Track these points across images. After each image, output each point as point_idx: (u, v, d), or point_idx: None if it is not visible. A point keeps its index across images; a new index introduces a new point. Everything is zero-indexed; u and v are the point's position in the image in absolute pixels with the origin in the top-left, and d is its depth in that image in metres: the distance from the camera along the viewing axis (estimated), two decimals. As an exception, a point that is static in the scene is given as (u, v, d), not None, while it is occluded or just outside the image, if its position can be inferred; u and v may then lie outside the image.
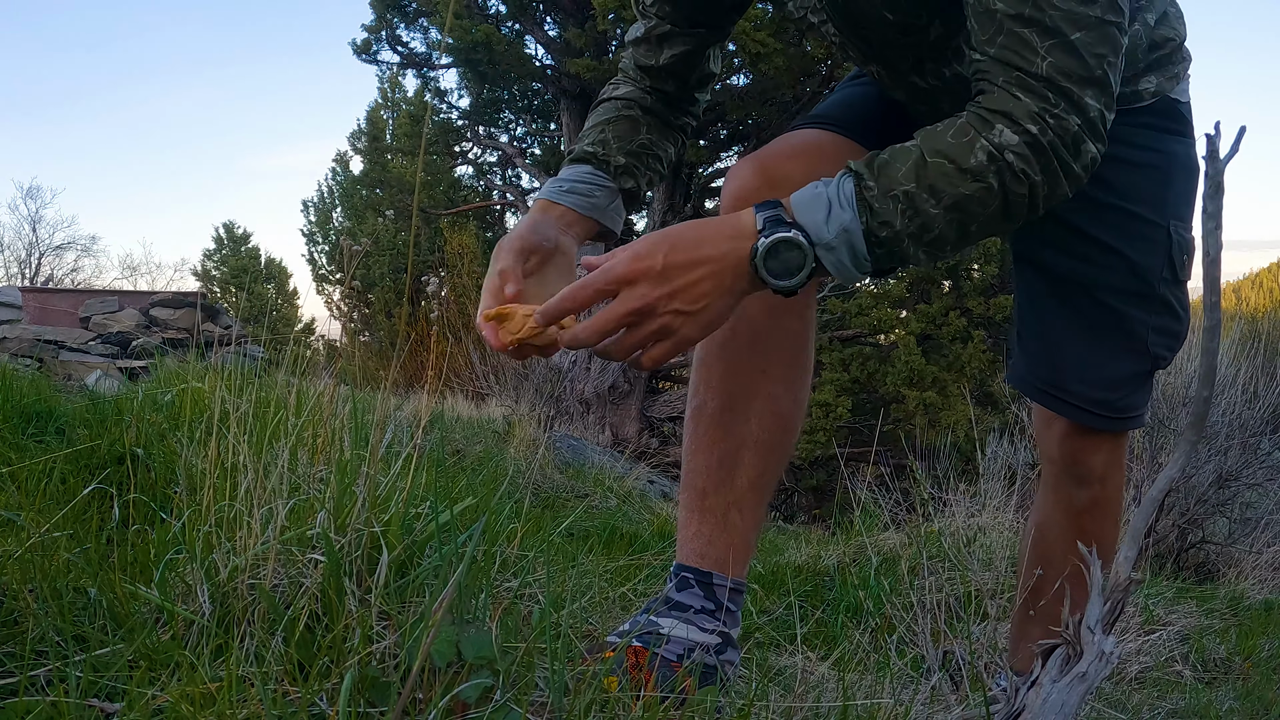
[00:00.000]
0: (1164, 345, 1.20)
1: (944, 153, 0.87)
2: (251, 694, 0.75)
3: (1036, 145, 0.86)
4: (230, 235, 24.53)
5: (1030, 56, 0.86)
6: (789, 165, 1.14)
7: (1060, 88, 0.86)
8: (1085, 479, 1.26)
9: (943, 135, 0.88)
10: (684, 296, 0.88)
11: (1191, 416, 0.98)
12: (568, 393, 9.01)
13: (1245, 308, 20.36)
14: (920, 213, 0.87)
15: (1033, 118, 0.86)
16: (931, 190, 0.87)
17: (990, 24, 0.87)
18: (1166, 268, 1.16)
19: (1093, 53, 0.86)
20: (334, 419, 1.15)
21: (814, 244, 0.88)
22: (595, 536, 2.82)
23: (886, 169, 0.88)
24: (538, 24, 9.69)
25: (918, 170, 0.87)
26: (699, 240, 0.90)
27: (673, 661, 1.03)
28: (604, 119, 1.21)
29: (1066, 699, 0.84)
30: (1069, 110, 0.86)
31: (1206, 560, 4.31)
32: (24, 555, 0.96)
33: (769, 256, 0.88)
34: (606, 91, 1.25)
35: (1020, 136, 0.86)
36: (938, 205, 0.87)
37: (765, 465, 1.15)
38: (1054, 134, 0.86)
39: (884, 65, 1.14)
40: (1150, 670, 2.13)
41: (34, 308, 8.73)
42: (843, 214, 0.88)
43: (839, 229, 0.87)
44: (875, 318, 10.03)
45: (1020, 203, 0.89)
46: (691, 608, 1.10)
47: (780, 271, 0.88)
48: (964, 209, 0.87)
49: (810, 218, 0.88)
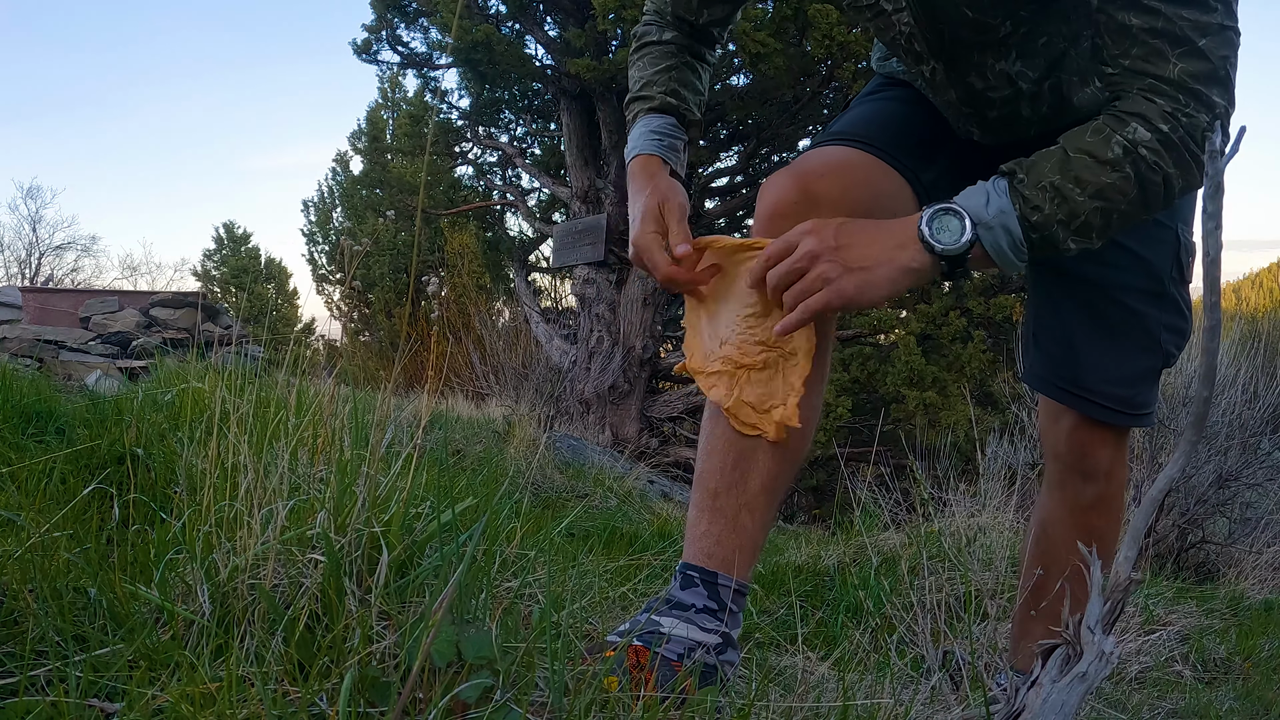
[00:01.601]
0: (1173, 343, 1.26)
1: (1084, 149, 0.97)
2: (251, 694, 0.75)
3: (1168, 141, 0.96)
4: (230, 235, 24.52)
5: (1162, 64, 0.95)
6: (825, 183, 1.17)
7: (1191, 89, 0.95)
8: (1092, 474, 1.29)
9: (1081, 135, 0.99)
10: (849, 253, 1.01)
11: (1191, 416, 0.98)
12: (568, 393, 9.00)
13: (1245, 308, 20.36)
14: (1068, 200, 0.97)
15: (1164, 117, 0.95)
16: (1076, 180, 0.97)
17: (1125, 38, 0.97)
18: (1175, 268, 1.23)
19: (1217, 55, 0.95)
20: (334, 419, 1.15)
21: (975, 222, 0.99)
22: (595, 536, 2.83)
23: (1035, 167, 0.99)
24: (538, 24, 9.68)
25: (1062, 165, 0.98)
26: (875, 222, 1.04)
27: (673, 661, 1.03)
28: (666, 65, 1.30)
29: (1066, 699, 0.84)
30: (1198, 108, 0.95)
31: (1206, 560, 4.31)
32: (24, 555, 0.96)
33: (933, 220, 1.00)
34: (650, 34, 1.32)
35: (1153, 134, 0.95)
36: (1083, 194, 0.97)
37: (779, 469, 1.15)
38: (1184, 130, 0.95)
39: (946, 62, 1.16)
40: (1150, 670, 2.13)
41: (34, 308, 8.73)
42: (999, 199, 0.99)
43: (996, 210, 0.99)
44: (875, 318, 10.03)
45: (1156, 191, 0.98)
46: (693, 606, 1.10)
47: (943, 233, 0.99)
48: (1106, 197, 0.97)
49: (970, 202, 1.00)
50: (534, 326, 10.42)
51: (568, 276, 10.76)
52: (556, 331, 10.15)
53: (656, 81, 1.28)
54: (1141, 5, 0.94)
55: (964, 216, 0.99)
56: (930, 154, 1.24)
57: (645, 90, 1.29)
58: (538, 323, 10.42)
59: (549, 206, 11.73)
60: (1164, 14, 0.94)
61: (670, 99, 1.28)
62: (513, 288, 12.47)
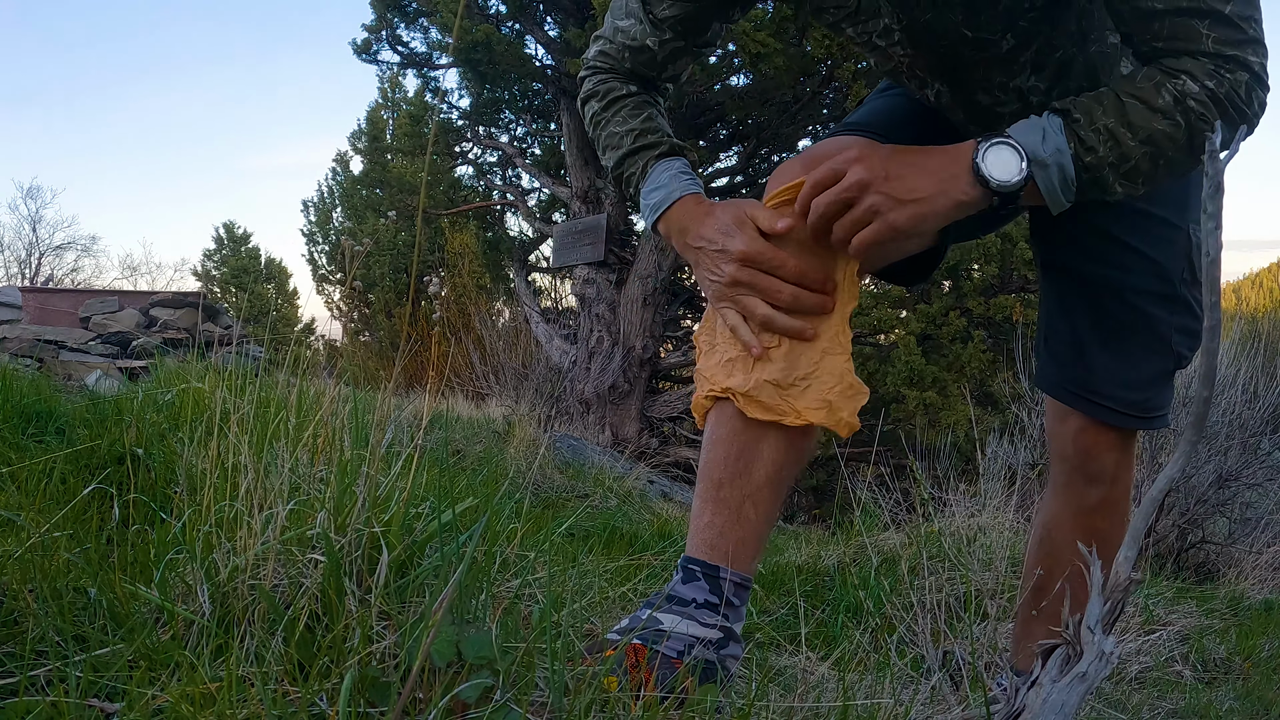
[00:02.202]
0: (1185, 344, 1.25)
1: (1136, 94, 0.97)
2: (251, 694, 0.75)
3: (1215, 96, 0.96)
4: (230, 235, 24.51)
5: (1196, 38, 0.96)
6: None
7: (1227, 55, 0.96)
8: (1097, 477, 1.29)
9: (1131, 80, 0.99)
10: (899, 185, 0.98)
11: (1191, 416, 0.98)
12: (568, 393, 9.00)
13: (1245, 308, 20.34)
14: (1120, 143, 0.97)
15: (1209, 75, 0.96)
16: (1129, 125, 0.97)
17: (1153, 22, 0.97)
18: (1186, 269, 1.22)
19: (1244, 16, 0.95)
20: (334, 419, 1.15)
21: (1030, 159, 0.98)
22: (595, 536, 2.82)
23: (1089, 108, 0.98)
24: (538, 24, 9.68)
25: (1116, 109, 0.97)
26: (928, 151, 1.01)
27: (673, 659, 1.03)
28: (649, 114, 1.25)
29: (1066, 699, 0.84)
30: (1236, 68, 0.96)
31: (1206, 560, 4.31)
32: (24, 555, 0.96)
33: (989, 153, 0.98)
34: (615, 88, 1.26)
35: (1200, 88, 0.96)
36: (1134, 139, 0.97)
37: (784, 460, 1.14)
38: (1229, 87, 0.96)
39: (951, 83, 1.16)
40: (1150, 670, 2.13)
41: (34, 308, 8.73)
42: (1056, 137, 0.98)
43: (1053, 149, 0.98)
44: (875, 318, 10.03)
45: (1198, 139, 0.98)
46: (693, 601, 1.09)
47: (998, 167, 0.98)
48: (1156, 143, 0.98)
49: (1027, 138, 0.98)
50: (534, 326, 10.42)
51: (568, 276, 10.77)
52: (556, 331, 10.15)
53: (651, 130, 1.23)
54: None
55: (1020, 151, 0.98)
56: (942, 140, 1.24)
57: (644, 140, 1.22)
58: (538, 323, 10.42)
59: (549, 206, 11.73)
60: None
61: (676, 141, 1.23)
62: (513, 288, 12.47)
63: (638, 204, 1.22)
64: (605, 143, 1.25)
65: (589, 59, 1.29)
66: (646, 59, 1.23)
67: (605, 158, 1.25)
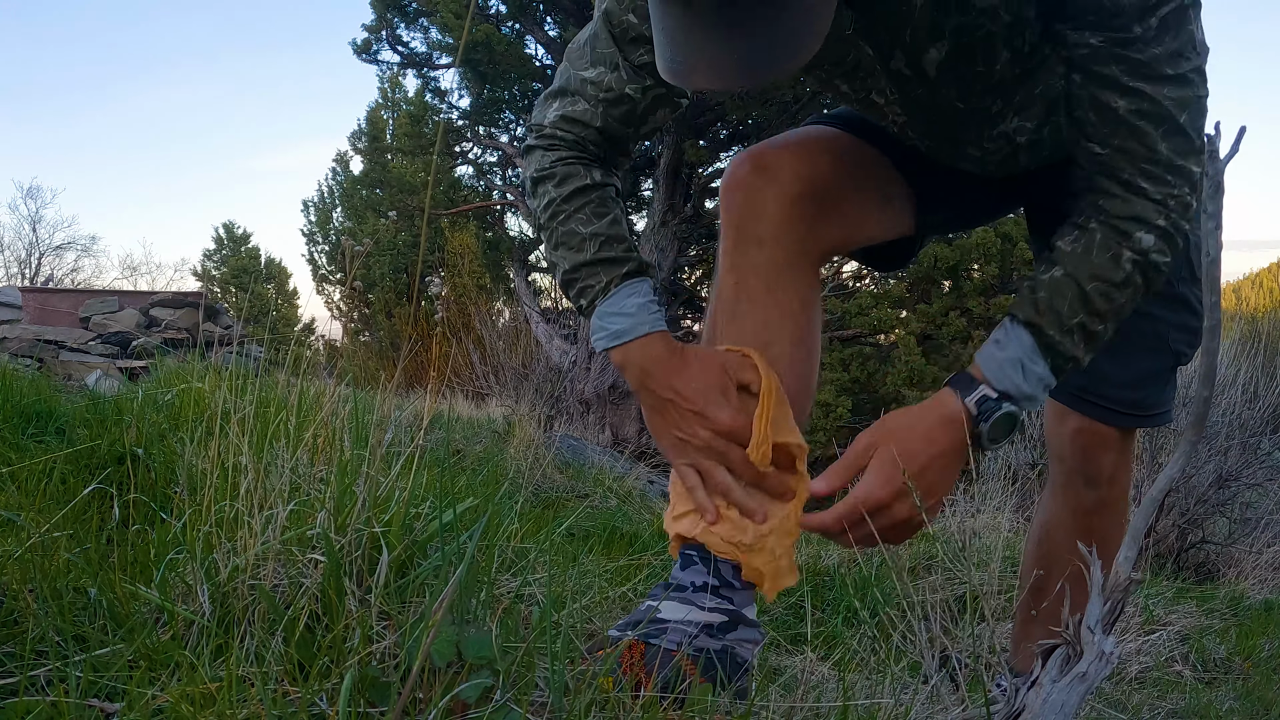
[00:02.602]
0: (1184, 342, 1.25)
1: (1098, 276, 0.98)
2: (251, 694, 0.75)
3: (1168, 234, 0.97)
4: (230, 235, 24.53)
5: (1153, 145, 0.95)
6: (778, 155, 1.16)
7: (1176, 166, 0.95)
8: (1095, 478, 1.29)
9: (1087, 258, 0.98)
10: (933, 493, 1.01)
11: (1191, 416, 0.98)
12: (568, 393, 9.00)
13: (1245, 308, 20.34)
14: (1092, 333, 1.00)
15: (1158, 210, 0.96)
16: (1096, 313, 0.99)
17: (1111, 119, 0.95)
18: (1185, 266, 1.22)
19: (1195, 128, 0.95)
20: (335, 419, 1.15)
21: (1019, 398, 1.00)
22: (595, 536, 2.82)
23: (1053, 307, 0.99)
24: (538, 24, 9.69)
25: (1083, 302, 0.98)
26: (929, 438, 1.01)
27: (673, 650, 1.02)
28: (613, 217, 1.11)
29: (1066, 699, 0.84)
30: (1182, 183, 0.96)
31: (1206, 560, 4.31)
32: (24, 555, 0.96)
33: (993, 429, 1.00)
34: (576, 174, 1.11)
35: (1155, 235, 0.97)
36: (1103, 321, 0.99)
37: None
38: (1176, 213, 0.97)
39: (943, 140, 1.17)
40: (1150, 670, 2.13)
41: (34, 308, 8.73)
42: (1035, 367, 0.99)
43: (1036, 380, 1.00)
44: (875, 318, 10.04)
45: (1159, 280, 1.00)
46: (691, 585, 1.08)
47: (1001, 439, 1.01)
48: (1119, 313, 1.00)
49: (1011, 383, 1.00)
50: (534, 326, 10.42)
51: (568, 276, 10.74)
52: (556, 331, 10.15)
53: (617, 239, 1.09)
54: (1125, 87, 0.93)
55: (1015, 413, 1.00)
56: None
57: (609, 251, 1.08)
58: (538, 323, 10.42)
59: (549, 206, 11.72)
60: (1148, 95, 0.93)
61: (641, 259, 1.11)
62: (513, 288, 12.48)
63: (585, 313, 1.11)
64: (560, 240, 1.10)
65: (544, 125, 1.13)
66: (625, 111, 1.10)
67: (557, 255, 1.11)
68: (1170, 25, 0.91)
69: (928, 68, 1.02)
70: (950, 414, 1.00)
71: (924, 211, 1.26)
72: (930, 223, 1.28)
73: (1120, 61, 0.93)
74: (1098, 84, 0.95)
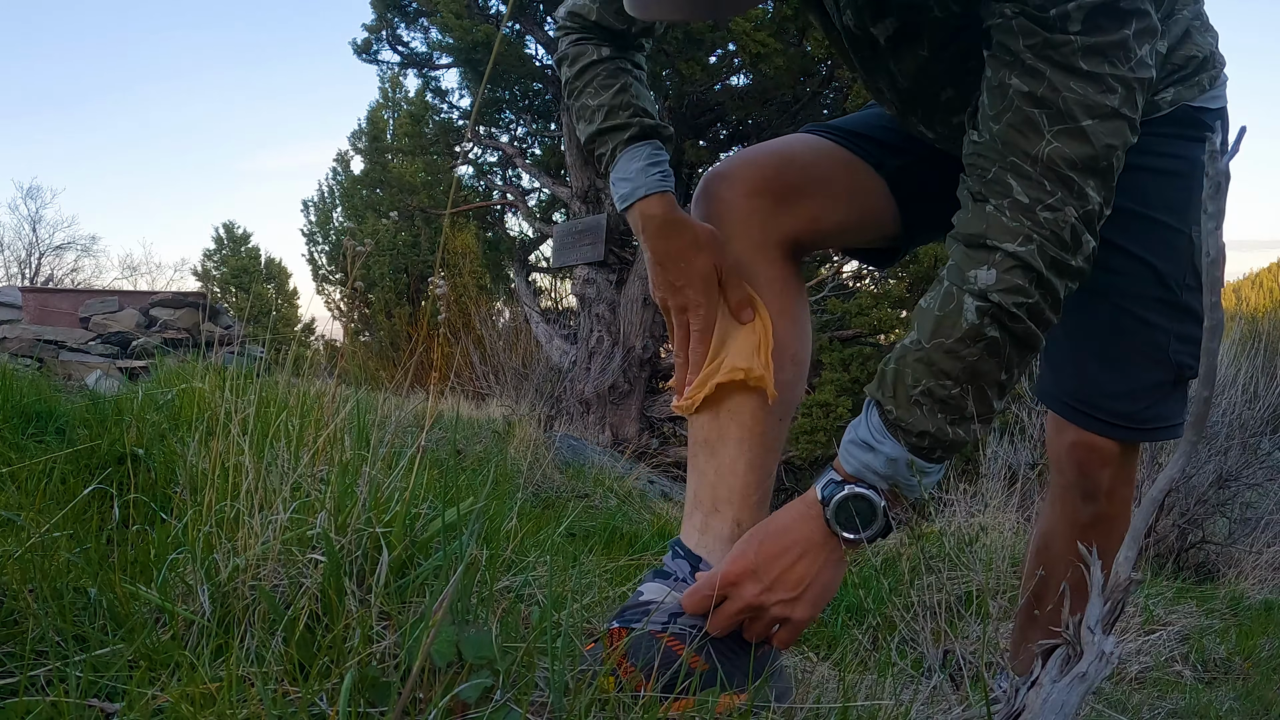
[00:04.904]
0: (1187, 353, 1.16)
1: (937, 332, 0.89)
2: (251, 694, 0.75)
3: (1026, 267, 0.85)
4: (230, 235, 24.52)
5: (1034, 139, 0.84)
6: (732, 163, 1.19)
7: (1061, 175, 0.84)
8: (1091, 493, 1.23)
9: (929, 312, 0.91)
10: (784, 585, 0.95)
11: (1191, 416, 0.98)
12: (568, 393, 9.00)
13: (1245, 308, 20.34)
14: (942, 401, 0.90)
15: (1016, 231, 0.85)
16: (944, 374, 0.89)
17: (1001, 99, 0.85)
18: (1190, 274, 1.14)
19: (1103, 142, 0.83)
20: (335, 419, 1.15)
21: (871, 485, 0.93)
22: (595, 536, 2.82)
23: (898, 379, 0.92)
24: (538, 24, 9.68)
25: (925, 365, 0.90)
26: (785, 528, 0.97)
27: (657, 632, 1.00)
28: (622, 84, 1.18)
29: (1067, 699, 0.84)
30: (1066, 200, 0.84)
31: (1206, 560, 4.31)
32: (24, 555, 0.96)
33: (839, 514, 0.94)
34: (587, 52, 1.19)
35: (1000, 270, 0.86)
36: (956, 384, 0.89)
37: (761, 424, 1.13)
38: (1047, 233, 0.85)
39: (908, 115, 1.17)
40: (1150, 670, 2.13)
41: (34, 308, 8.74)
42: (882, 445, 0.92)
43: (884, 460, 0.92)
44: (875, 318, 10.02)
45: (1028, 331, 0.89)
46: (674, 575, 1.08)
47: (851, 524, 0.94)
48: (978, 372, 0.89)
49: (856, 464, 0.94)
50: (534, 326, 10.42)
51: (568, 276, 10.77)
52: (556, 331, 10.15)
53: (622, 106, 1.16)
54: (1025, 65, 0.83)
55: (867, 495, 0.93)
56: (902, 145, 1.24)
57: (614, 119, 1.15)
58: (538, 323, 10.42)
59: (549, 206, 11.73)
60: (1049, 81, 0.82)
61: (648, 120, 1.17)
62: (513, 288, 12.47)
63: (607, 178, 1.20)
64: (578, 114, 1.20)
65: (560, 17, 1.23)
66: (616, 8, 1.16)
67: (579, 129, 1.21)
68: (1098, 19, 0.81)
69: (878, 35, 1.02)
70: (809, 502, 0.97)
71: (906, 212, 1.25)
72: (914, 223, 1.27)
73: (1028, 35, 0.82)
74: (997, 60, 0.86)
